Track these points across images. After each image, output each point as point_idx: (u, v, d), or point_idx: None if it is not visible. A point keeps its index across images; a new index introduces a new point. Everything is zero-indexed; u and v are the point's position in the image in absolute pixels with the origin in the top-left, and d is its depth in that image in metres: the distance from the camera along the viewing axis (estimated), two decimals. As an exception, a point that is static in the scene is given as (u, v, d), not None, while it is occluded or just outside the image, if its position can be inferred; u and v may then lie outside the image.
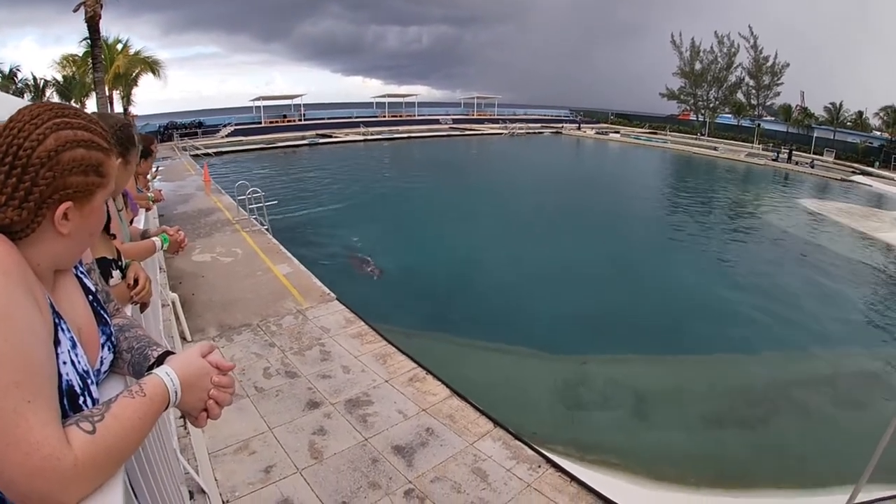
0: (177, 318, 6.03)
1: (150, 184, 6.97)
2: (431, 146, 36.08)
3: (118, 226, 2.28)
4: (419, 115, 48.83)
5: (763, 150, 35.65)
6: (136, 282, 1.93)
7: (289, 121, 40.28)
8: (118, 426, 0.81)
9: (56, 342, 0.85)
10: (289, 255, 9.31)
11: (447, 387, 5.22)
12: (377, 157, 30.03)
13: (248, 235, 10.55)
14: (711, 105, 46.21)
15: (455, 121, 48.61)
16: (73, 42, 34.16)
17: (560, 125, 50.73)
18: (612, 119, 55.07)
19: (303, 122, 40.52)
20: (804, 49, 53.67)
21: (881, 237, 15.53)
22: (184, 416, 1.06)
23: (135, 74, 29.08)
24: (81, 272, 1.09)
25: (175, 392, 0.95)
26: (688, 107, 48.62)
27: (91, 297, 1.07)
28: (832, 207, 19.79)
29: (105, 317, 1.10)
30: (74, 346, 0.91)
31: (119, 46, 27.90)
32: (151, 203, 5.32)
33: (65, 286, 1.00)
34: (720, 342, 8.14)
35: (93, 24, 19.99)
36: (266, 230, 11.07)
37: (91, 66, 22.65)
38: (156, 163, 8.62)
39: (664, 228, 16.12)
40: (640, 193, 21.26)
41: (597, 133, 46.77)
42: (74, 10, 19.64)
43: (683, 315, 9.17)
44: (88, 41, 21.92)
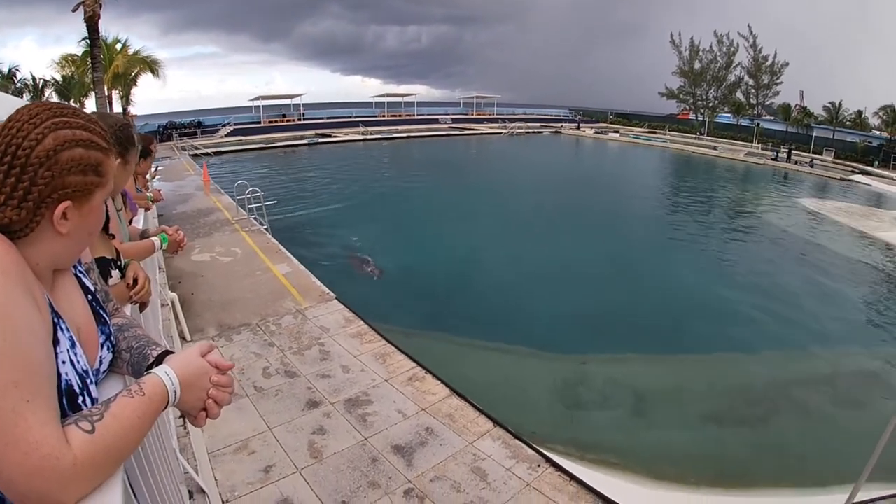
0: (176, 318, 6.02)
1: (150, 183, 6.97)
2: (431, 146, 36.07)
3: (117, 225, 2.27)
4: (418, 115, 48.80)
5: (762, 150, 35.65)
6: (136, 281, 1.93)
7: (288, 120, 40.23)
8: (117, 426, 0.81)
9: (55, 342, 0.85)
10: (288, 255, 9.30)
11: (447, 386, 5.22)
12: (376, 157, 30.02)
13: (248, 235, 10.55)
14: (711, 104, 46.23)
15: (454, 120, 48.58)
16: (73, 42, 34.22)
17: (559, 125, 50.71)
18: (612, 118, 55.04)
19: (302, 122, 40.47)
20: (803, 48, 53.74)
21: (881, 236, 15.54)
22: (183, 416, 1.06)
23: (134, 74, 29.06)
24: (80, 272, 1.09)
25: (174, 391, 0.95)
26: (687, 106, 48.64)
27: (90, 297, 1.07)
28: (831, 207, 19.80)
29: (104, 316, 1.10)
30: (73, 346, 0.90)
31: (118, 46, 27.88)
32: (150, 203, 5.31)
33: (64, 286, 1.00)
34: (720, 341, 8.14)
35: (92, 24, 19.98)
36: (265, 230, 11.06)
37: (90, 66, 22.65)
38: (155, 162, 8.61)
39: (663, 228, 16.13)
40: (640, 193, 21.27)
41: (596, 132, 46.77)
42: (73, 10, 19.63)
43: (683, 314, 9.18)
44: (87, 41, 21.91)
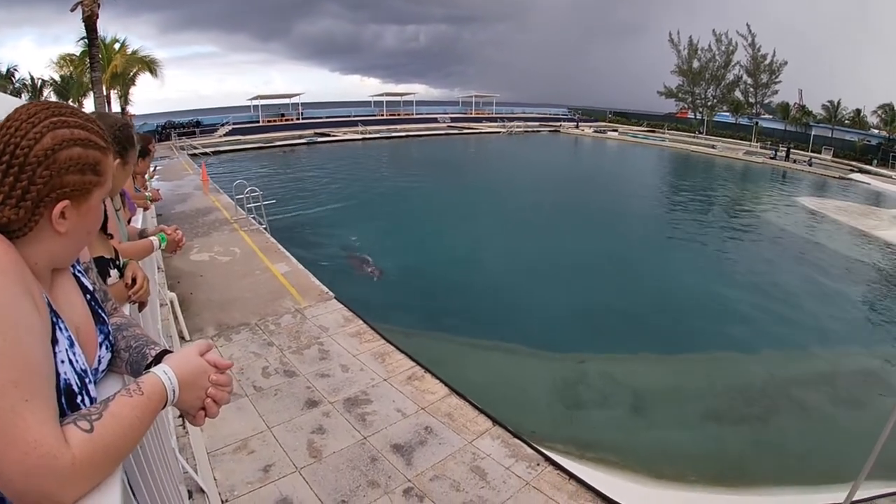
0: (175, 318, 6.02)
1: (148, 183, 6.96)
2: (430, 145, 36.05)
3: (116, 225, 2.27)
4: (417, 114, 48.74)
5: (761, 149, 35.65)
6: (134, 281, 1.93)
7: (287, 120, 40.17)
8: (116, 425, 0.81)
9: (54, 341, 0.85)
10: (287, 255, 9.30)
11: (446, 385, 5.22)
12: (375, 156, 29.98)
13: (247, 234, 10.54)
14: (709, 103, 46.23)
15: (453, 119, 48.48)
16: (71, 42, 34.15)
17: (558, 124, 50.69)
18: (611, 117, 54.99)
19: (301, 122, 40.42)
20: (802, 47, 53.69)
21: (880, 235, 15.55)
22: (182, 416, 1.06)
23: (132, 74, 29.04)
24: (79, 271, 1.09)
25: (173, 390, 0.95)
26: (686, 105, 48.63)
27: (89, 296, 1.07)
28: (830, 205, 19.81)
29: (103, 316, 1.10)
30: (72, 345, 0.90)
31: (116, 46, 27.84)
32: (149, 202, 5.31)
33: (62, 285, 1.00)
34: (719, 340, 8.15)
35: (90, 24, 19.93)
36: (264, 229, 11.06)
37: (88, 66, 22.60)
38: (153, 162, 8.61)
39: (662, 227, 16.13)
40: (638, 192, 21.28)
41: (595, 131, 46.75)
42: (72, 10, 19.58)
43: (682, 313, 9.18)
44: (86, 41, 21.87)
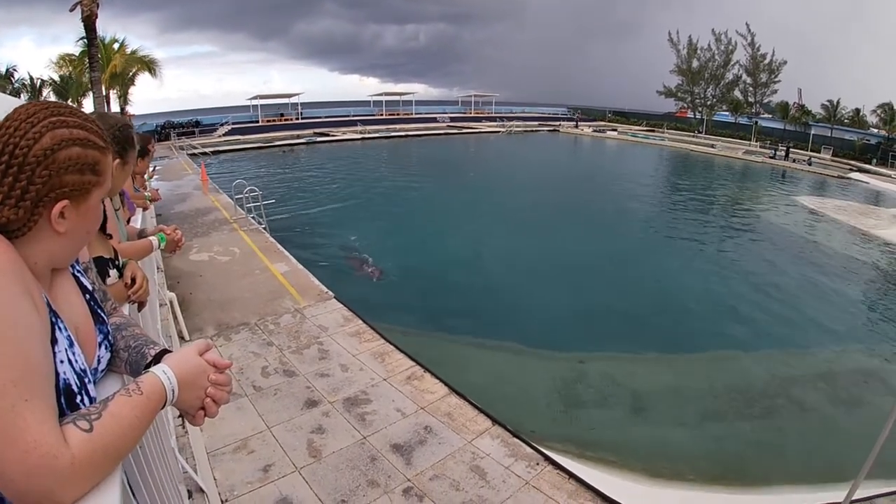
0: (175, 318, 6.03)
1: (148, 183, 6.95)
2: (429, 144, 36.05)
3: (115, 225, 2.27)
4: (416, 114, 48.74)
5: (760, 148, 35.66)
6: (134, 281, 1.94)
7: (286, 120, 40.17)
8: (115, 424, 0.81)
9: (53, 341, 0.85)
10: (286, 254, 9.30)
11: (445, 385, 5.23)
12: (374, 156, 29.96)
13: (246, 234, 10.54)
14: (709, 102, 46.28)
15: (452, 119, 48.49)
16: (70, 41, 34.17)
17: (557, 123, 50.70)
18: (610, 117, 55.02)
19: (300, 121, 40.41)
20: (801, 46, 53.73)
21: (879, 234, 15.56)
22: (182, 415, 1.06)
23: (131, 74, 29.07)
24: (78, 271, 1.09)
25: (172, 390, 0.95)
26: (685, 104, 48.67)
27: (88, 296, 1.07)
28: (830, 205, 19.82)
29: (102, 315, 1.10)
30: (71, 345, 0.91)
31: (116, 46, 27.88)
32: (148, 202, 5.31)
33: (62, 285, 1.00)
34: (718, 339, 8.15)
35: (89, 24, 19.94)
36: (263, 229, 11.06)
37: (88, 66, 22.61)
38: (153, 162, 8.58)
39: (662, 226, 16.13)
40: (638, 191, 21.25)
41: (594, 131, 46.76)
42: (71, 10, 19.59)
43: (681, 313, 9.19)
44: (85, 40, 21.89)
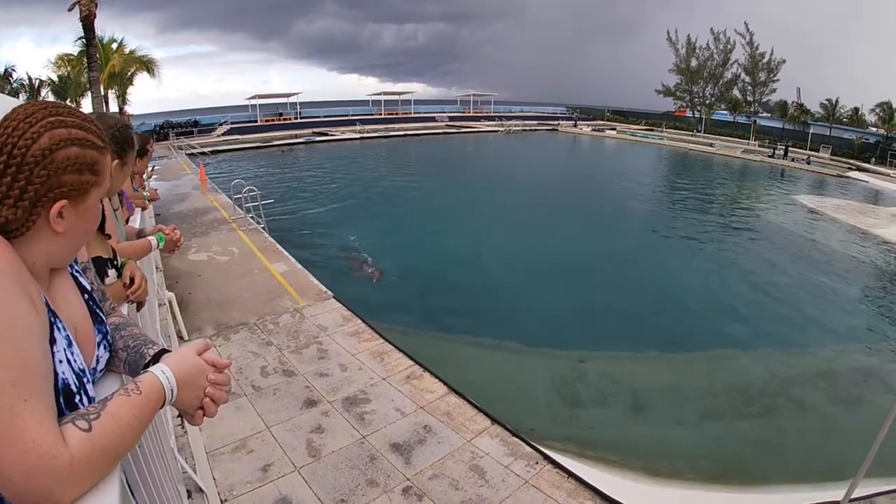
0: (174, 318, 6.03)
1: (146, 183, 6.95)
2: (428, 144, 36.05)
3: (114, 225, 2.27)
4: (415, 113, 48.71)
5: (759, 147, 35.72)
6: (132, 281, 1.93)
7: (285, 119, 40.14)
8: (114, 424, 0.81)
9: (52, 341, 0.85)
10: (285, 254, 9.30)
11: (444, 384, 5.22)
12: (373, 156, 29.95)
13: (245, 234, 10.53)
14: (707, 102, 46.31)
15: (451, 118, 48.48)
16: (69, 41, 34.10)
17: (556, 122, 50.72)
18: (609, 116, 55.08)
19: (299, 121, 40.37)
20: (800, 45, 53.76)
21: (878, 233, 15.59)
22: (181, 415, 1.06)
23: (130, 73, 29.01)
24: (77, 271, 1.09)
25: (171, 390, 0.95)
26: (684, 103, 48.68)
27: (86, 296, 1.07)
28: (829, 204, 19.85)
29: (100, 315, 1.10)
30: (70, 345, 0.91)
31: (114, 45, 27.83)
32: (147, 202, 5.30)
33: (60, 285, 1.00)
34: (717, 338, 8.16)
35: (87, 24, 19.94)
36: (262, 229, 11.05)
37: (86, 66, 22.59)
38: (152, 162, 8.56)
39: (661, 225, 16.13)
40: (637, 190, 21.26)
41: (593, 130, 46.82)
42: (69, 10, 19.59)
43: (680, 312, 9.20)
44: (83, 40, 21.85)
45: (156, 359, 1.05)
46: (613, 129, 46.71)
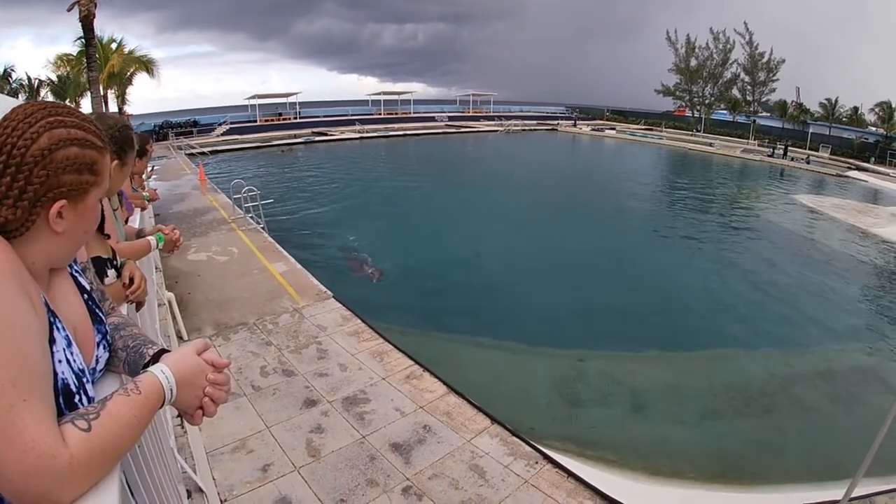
0: (173, 318, 6.02)
1: (146, 183, 6.95)
2: (427, 144, 36.05)
3: (113, 225, 2.27)
4: (415, 113, 48.70)
5: (759, 146, 35.73)
6: (132, 281, 1.93)
7: (284, 119, 40.12)
8: (114, 424, 0.81)
9: (51, 341, 0.85)
10: (285, 254, 9.29)
11: (444, 384, 5.22)
12: (373, 155, 29.96)
13: (244, 234, 10.52)
14: (707, 101, 46.31)
15: (451, 118, 48.48)
16: (68, 42, 34.07)
17: (556, 122, 50.74)
18: (608, 115, 55.06)
19: (298, 121, 40.35)
20: (800, 45, 53.72)
21: (877, 232, 15.60)
22: (181, 415, 1.06)
23: (129, 73, 29.02)
24: (76, 271, 1.09)
25: (170, 389, 0.95)
26: (683, 103, 48.68)
27: (86, 296, 1.07)
28: (828, 203, 19.85)
29: (100, 315, 1.10)
30: (70, 345, 0.90)
31: (113, 45, 27.83)
32: (147, 202, 5.30)
33: (60, 285, 1.00)
34: (717, 338, 8.17)
35: (87, 24, 19.94)
36: (262, 229, 11.04)
37: (85, 66, 22.59)
38: (151, 162, 8.56)
39: (660, 225, 16.14)
40: (636, 190, 21.26)
41: (592, 130, 46.84)
42: (68, 10, 19.59)
43: (680, 311, 9.21)
44: (83, 40, 21.86)
45: (155, 359, 1.05)
46: (613, 129, 46.72)
